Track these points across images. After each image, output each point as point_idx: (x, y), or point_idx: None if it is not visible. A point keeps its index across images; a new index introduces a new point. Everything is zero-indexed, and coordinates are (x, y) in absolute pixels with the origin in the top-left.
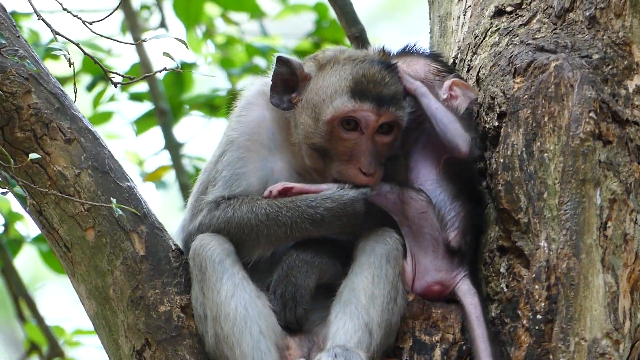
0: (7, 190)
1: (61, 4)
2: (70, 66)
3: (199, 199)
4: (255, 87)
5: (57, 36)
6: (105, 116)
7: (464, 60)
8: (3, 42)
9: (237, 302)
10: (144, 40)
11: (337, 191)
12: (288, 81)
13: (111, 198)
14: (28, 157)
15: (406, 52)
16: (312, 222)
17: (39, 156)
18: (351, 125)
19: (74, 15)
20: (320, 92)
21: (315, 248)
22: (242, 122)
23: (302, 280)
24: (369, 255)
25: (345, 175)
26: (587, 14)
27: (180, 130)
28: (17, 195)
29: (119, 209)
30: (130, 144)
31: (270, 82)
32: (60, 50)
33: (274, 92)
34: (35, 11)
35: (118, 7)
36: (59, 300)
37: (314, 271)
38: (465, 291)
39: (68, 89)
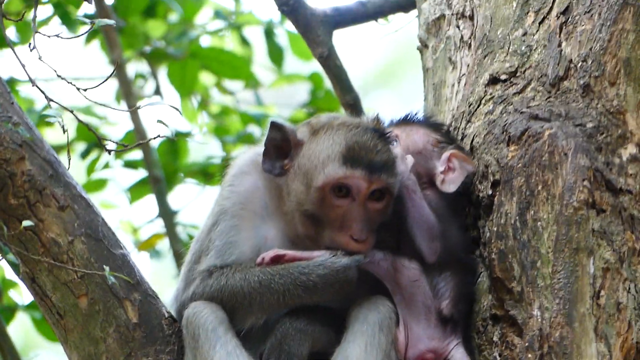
0: (1, 258)
1: (56, 71)
2: (64, 133)
3: (192, 268)
4: (247, 156)
5: (51, 103)
6: (99, 184)
7: (458, 128)
8: None
9: None
10: (138, 107)
11: (330, 258)
12: (280, 147)
13: (104, 265)
14: (21, 224)
15: (407, 121)
16: (305, 289)
17: (32, 223)
18: (343, 191)
19: (69, 82)
20: (312, 158)
21: (308, 316)
22: (234, 191)
23: (295, 348)
24: (361, 324)
25: (337, 242)
26: (582, 82)
27: (174, 198)
28: (10, 263)
29: (112, 277)
30: (124, 212)
31: (263, 150)
32: (55, 117)
33: (266, 158)
34: (30, 78)
35: (113, 73)
36: None
37: (307, 339)
38: (459, 359)
39: (62, 157)
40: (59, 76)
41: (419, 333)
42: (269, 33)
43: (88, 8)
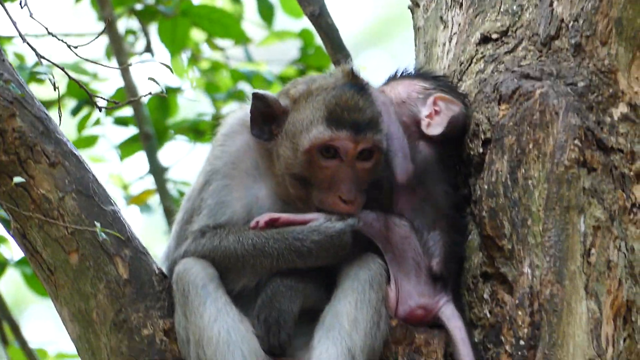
0: None
1: (46, 28)
2: (55, 90)
3: (184, 227)
4: (238, 115)
5: (42, 60)
6: (90, 140)
7: None
8: None
9: (220, 327)
10: (129, 65)
11: (324, 223)
12: (266, 114)
13: (95, 222)
14: (12, 180)
15: (394, 78)
16: (299, 254)
17: (23, 180)
18: (330, 153)
19: (59, 39)
20: (297, 124)
21: (299, 273)
22: (225, 151)
23: (286, 305)
24: (352, 281)
25: (326, 203)
26: (573, 41)
27: (164, 155)
28: (1, 219)
29: (102, 233)
30: (114, 168)
31: (250, 117)
32: (45, 74)
33: (254, 125)
34: (20, 35)
35: (104, 31)
36: (43, 324)
37: (298, 296)
38: (449, 315)
39: (53, 113)
40: (49, 33)
41: (409, 290)
42: None
43: None
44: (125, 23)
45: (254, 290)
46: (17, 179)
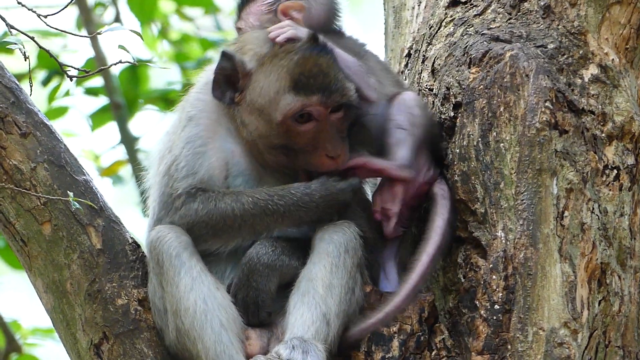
0: None
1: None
2: (25, 60)
3: (167, 192)
4: (200, 78)
5: (11, 30)
6: (61, 111)
7: (419, 50)
8: None
9: (196, 296)
10: (98, 33)
11: (329, 180)
12: (230, 77)
13: (67, 192)
14: None
15: (241, 6)
16: (307, 210)
17: None
18: (304, 118)
19: (29, 9)
20: (263, 94)
21: (274, 250)
22: (201, 100)
23: (263, 284)
24: (327, 244)
25: (314, 164)
26: (542, 3)
27: (135, 125)
28: None
29: (75, 203)
30: (86, 141)
31: (212, 77)
32: (15, 43)
33: (216, 86)
34: None
35: (72, 1)
36: (16, 296)
37: (274, 274)
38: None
39: (23, 85)
40: (19, 3)
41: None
42: None
43: None
44: None
45: (227, 255)
46: None
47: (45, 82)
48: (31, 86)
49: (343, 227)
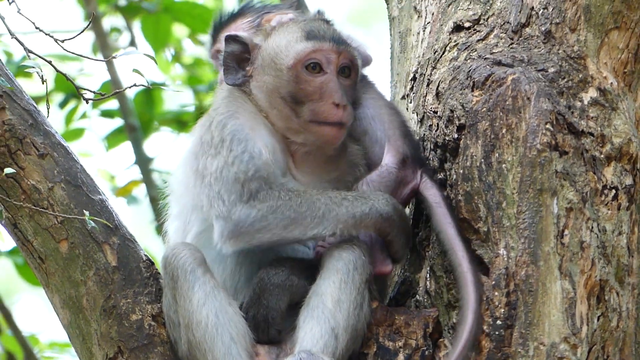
0: None
1: (34, 23)
2: (43, 83)
3: (234, 180)
4: (225, 86)
5: (29, 54)
6: (77, 133)
7: (424, 74)
8: None
9: (208, 310)
10: (114, 57)
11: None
12: (240, 58)
13: (84, 210)
14: (2, 171)
15: (218, 29)
16: (361, 221)
17: (14, 170)
18: (315, 69)
19: (47, 34)
20: (275, 48)
21: (284, 269)
22: (229, 103)
23: (273, 303)
24: (336, 261)
25: (320, 112)
26: (543, 29)
27: (150, 146)
28: None
29: (91, 221)
30: (101, 161)
31: (223, 68)
32: (33, 67)
33: (228, 73)
34: (9, 30)
35: (89, 25)
36: (34, 312)
37: (285, 294)
38: (427, 186)
39: (41, 107)
40: (37, 28)
41: None
42: None
43: None
44: (110, 20)
45: (239, 274)
46: (8, 170)
47: (62, 105)
48: (48, 109)
49: (352, 245)
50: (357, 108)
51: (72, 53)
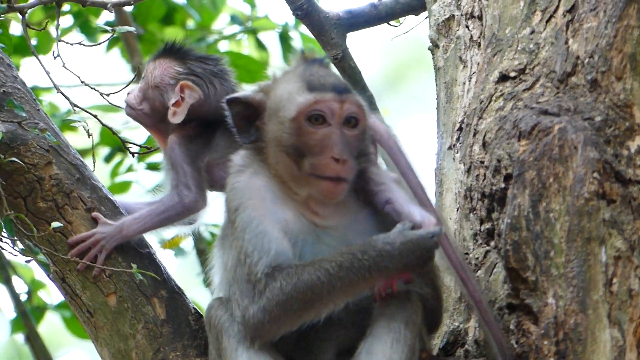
0: (32, 259)
1: (79, 77)
2: (89, 137)
3: (246, 280)
4: (237, 155)
5: (75, 108)
6: (124, 186)
7: (470, 124)
8: (23, 114)
9: None
10: None
11: (406, 228)
12: (246, 115)
13: (131, 264)
14: (50, 225)
15: (162, 54)
16: (390, 258)
17: (61, 225)
18: (318, 121)
19: (92, 88)
20: (277, 103)
21: (330, 322)
22: (237, 189)
23: (321, 357)
24: (388, 321)
25: (319, 167)
26: (589, 77)
27: None
28: (40, 263)
29: (139, 275)
30: None
31: (235, 130)
32: (79, 121)
33: (240, 132)
34: (55, 85)
35: (133, 79)
36: None
37: (332, 346)
38: None
39: (87, 160)
40: (82, 82)
41: None
42: (284, 37)
43: (108, 16)
44: None
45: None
46: (55, 224)
47: (107, 159)
48: (94, 162)
49: (404, 303)
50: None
51: (118, 106)
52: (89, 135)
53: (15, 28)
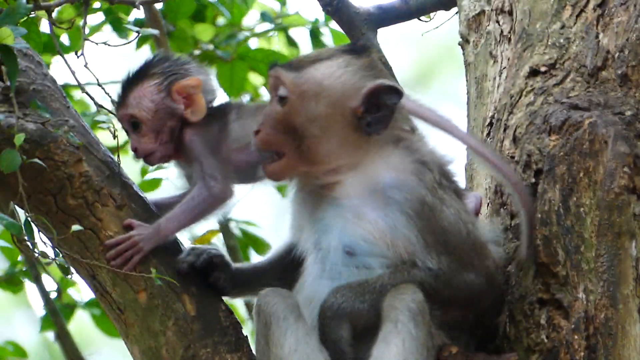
0: (50, 261)
1: (97, 79)
2: (114, 139)
3: None
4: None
5: (101, 108)
6: (154, 183)
7: (501, 120)
8: (47, 115)
9: (299, 356)
10: None
11: None
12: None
13: (162, 261)
14: (80, 223)
15: (128, 86)
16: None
17: (82, 228)
18: None
19: (106, 92)
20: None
21: (338, 297)
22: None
23: (335, 335)
24: (394, 324)
25: None
26: (619, 72)
27: None
28: (59, 266)
29: (157, 279)
30: None
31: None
32: (105, 122)
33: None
34: (79, 85)
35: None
36: None
37: (344, 321)
38: None
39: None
40: (99, 84)
41: None
42: (314, 33)
43: (138, 13)
44: None
45: None
46: (76, 227)
47: None
48: (119, 163)
49: (408, 302)
50: None
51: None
52: (114, 136)
53: (46, 26)
